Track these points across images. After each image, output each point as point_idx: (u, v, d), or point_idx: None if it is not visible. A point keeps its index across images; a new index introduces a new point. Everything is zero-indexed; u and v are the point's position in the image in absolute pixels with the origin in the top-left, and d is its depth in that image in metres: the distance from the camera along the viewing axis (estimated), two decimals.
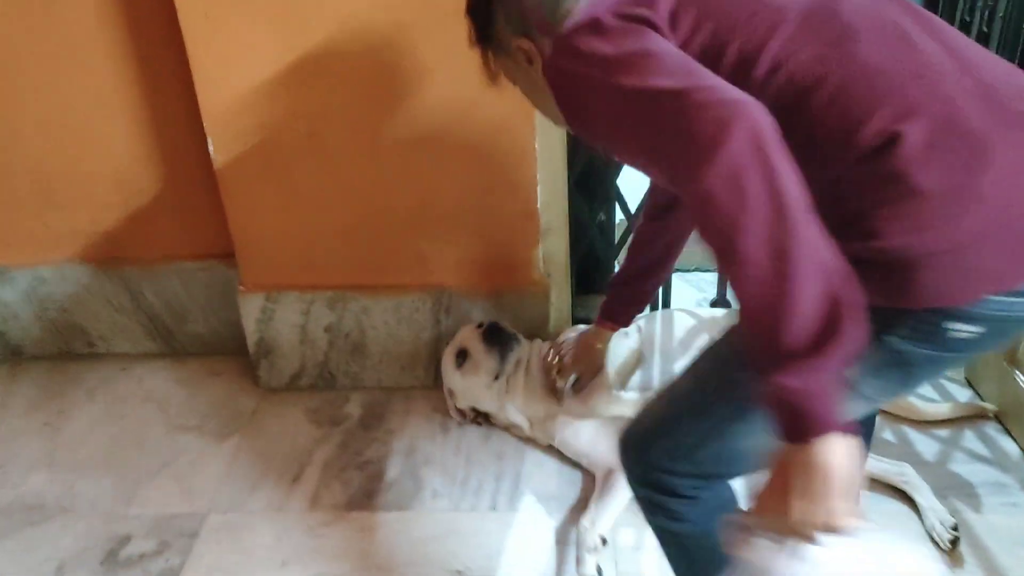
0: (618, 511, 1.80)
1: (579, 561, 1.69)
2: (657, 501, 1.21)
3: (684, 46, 1.04)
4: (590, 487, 1.92)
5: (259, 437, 2.14)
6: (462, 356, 2.04)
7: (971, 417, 2.06)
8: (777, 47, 1.00)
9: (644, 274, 1.77)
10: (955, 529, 1.71)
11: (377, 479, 1.98)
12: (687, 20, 1.06)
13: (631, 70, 0.96)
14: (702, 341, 2.02)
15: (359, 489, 1.95)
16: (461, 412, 2.12)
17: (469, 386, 2.05)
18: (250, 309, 2.19)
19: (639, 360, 2.02)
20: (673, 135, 0.90)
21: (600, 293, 2.51)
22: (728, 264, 0.87)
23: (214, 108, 1.95)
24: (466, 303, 2.16)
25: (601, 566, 1.68)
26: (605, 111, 1.01)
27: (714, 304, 2.37)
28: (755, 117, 0.85)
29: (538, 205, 2.03)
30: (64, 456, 2.11)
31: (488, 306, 2.16)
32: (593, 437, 1.95)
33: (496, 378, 2.01)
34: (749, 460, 1.08)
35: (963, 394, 2.15)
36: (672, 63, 0.96)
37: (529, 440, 2.07)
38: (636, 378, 1.98)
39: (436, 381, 2.26)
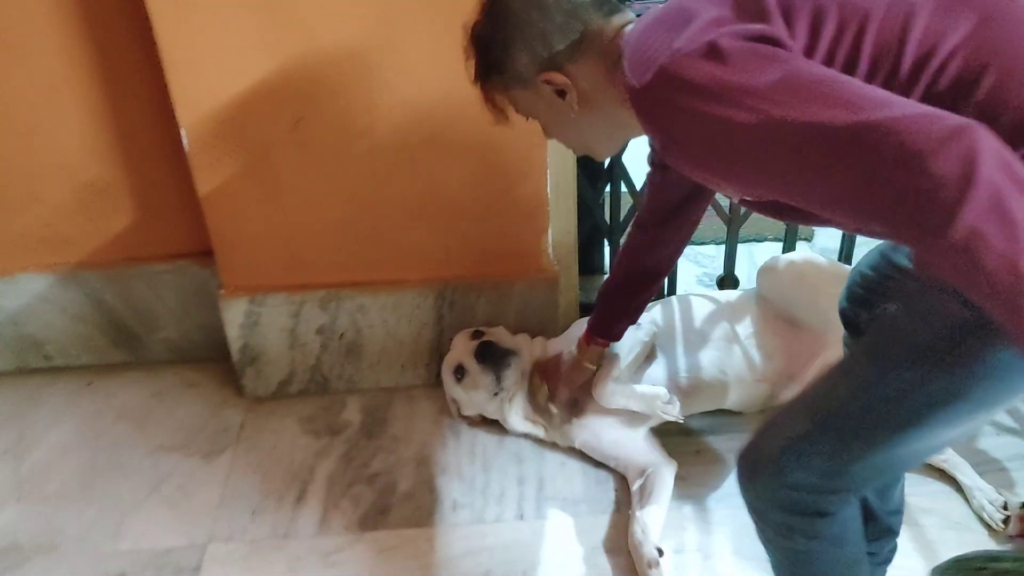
0: (664, 513, 1.70)
1: None
2: (794, 523, 1.12)
3: (808, 54, 0.93)
4: (621, 486, 1.82)
5: (252, 453, 1.96)
6: (460, 372, 1.91)
7: None
8: (918, 38, 0.88)
9: (636, 287, 1.68)
10: (1005, 508, 1.67)
11: (389, 493, 1.83)
12: (803, 24, 0.95)
13: (791, 102, 0.85)
14: (723, 329, 1.92)
15: (371, 506, 1.80)
16: (467, 418, 1.99)
17: (471, 399, 1.93)
18: (233, 314, 1.99)
19: (651, 352, 1.90)
20: (888, 178, 0.79)
21: (604, 272, 2.41)
22: (1014, 297, 0.74)
23: (188, 96, 1.73)
24: (471, 296, 2.01)
25: None
26: (747, 150, 0.90)
27: (720, 282, 2.27)
28: (986, 135, 0.75)
29: (547, 189, 1.89)
30: (34, 488, 1.89)
31: (494, 298, 2.01)
32: (617, 438, 1.84)
33: (496, 395, 1.89)
34: (910, 463, 1.09)
35: None
36: (845, 89, 0.84)
37: (543, 441, 1.95)
38: (658, 370, 1.87)
39: (439, 379, 2.12)
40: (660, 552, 1.61)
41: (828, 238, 2.61)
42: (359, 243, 1.93)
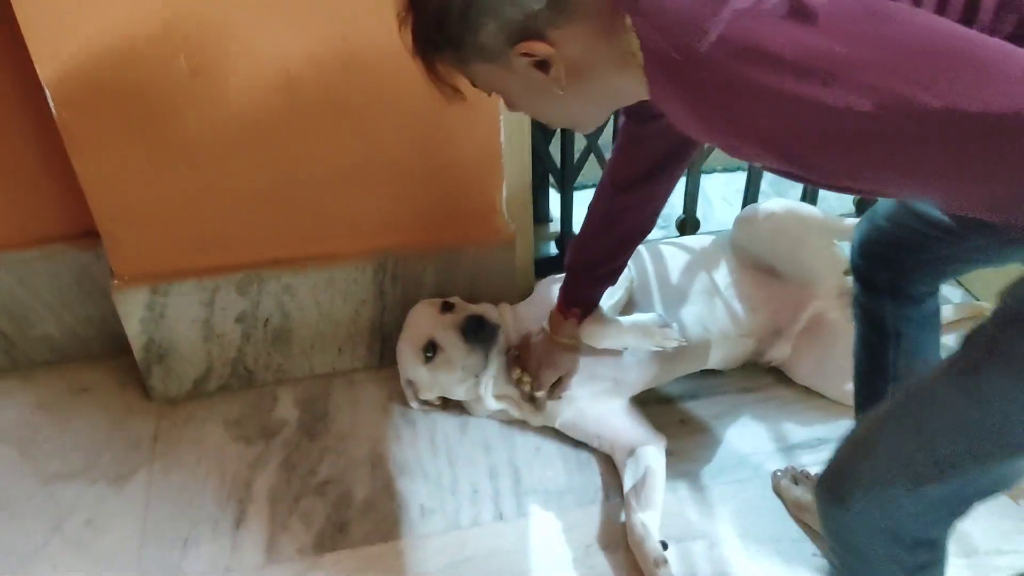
0: (662, 500, 1.52)
1: None
2: (921, 563, 0.97)
3: None
4: (607, 469, 1.63)
5: (173, 471, 1.66)
6: (432, 349, 1.64)
7: (968, 319, 1.94)
8: None
9: (616, 251, 1.47)
10: None
11: (345, 504, 1.58)
12: None
13: (923, 78, 0.66)
14: (703, 281, 1.73)
15: (326, 523, 1.55)
16: (425, 402, 1.75)
17: (439, 381, 1.67)
18: (131, 307, 1.65)
19: (631, 308, 1.70)
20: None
21: (550, 221, 2.18)
22: None
23: (49, 47, 1.35)
24: (417, 265, 1.74)
25: None
26: (855, 141, 0.71)
27: (681, 225, 2.08)
28: None
29: (501, 140, 1.62)
30: None
31: (443, 266, 1.75)
32: (601, 413, 1.64)
33: (476, 376, 1.65)
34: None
35: (955, 294, 2.02)
36: (992, 56, 0.66)
37: (513, 421, 1.73)
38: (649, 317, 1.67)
39: (384, 360, 1.86)
40: (664, 546, 1.45)
41: None
42: (281, 214, 1.62)
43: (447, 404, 1.75)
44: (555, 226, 2.14)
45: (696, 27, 0.75)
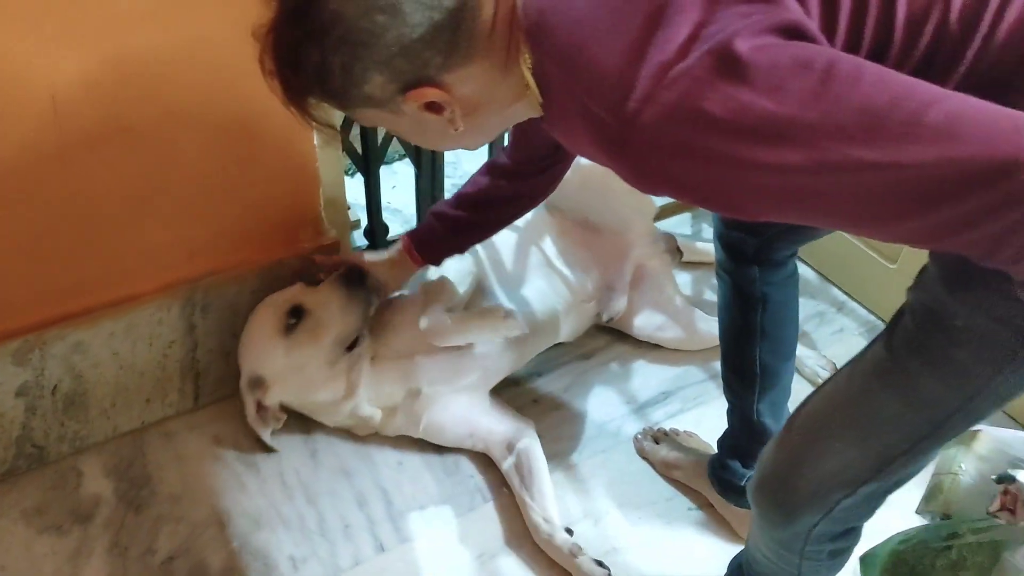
0: (552, 488, 1.50)
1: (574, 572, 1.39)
2: (843, 547, 1.03)
3: (828, 35, 0.74)
4: (478, 469, 1.57)
5: None
6: (296, 315, 1.44)
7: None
8: None
9: (483, 229, 1.46)
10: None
11: None
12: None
13: (854, 132, 0.65)
14: (536, 256, 1.70)
15: None
16: (265, 412, 1.51)
17: (300, 365, 1.45)
18: None
19: (476, 295, 1.64)
20: (995, 217, 0.64)
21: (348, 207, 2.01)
22: None
23: None
24: (231, 291, 1.52)
25: (600, 560, 1.40)
26: (790, 194, 0.70)
27: None
28: None
29: (316, 142, 1.44)
30: None
31: (262, 286, 1.54)
32: (467, 412, 1.57)
33: (353, 345, 1.47)
34: None
35: None
36: (918, 100, 0.66)
37: (365, 439, 1.61)
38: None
39: (199, 400, 1.63)
40: (570, 532, 1.44)
41: None
42: (59, 262, 1.33)
43: (287, 424, 1.55)
44: (355, 214, 1.98)
45: (619, 81, 0.71)
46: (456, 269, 1.58)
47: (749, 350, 1.34)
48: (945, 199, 0.64)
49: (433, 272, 1.55)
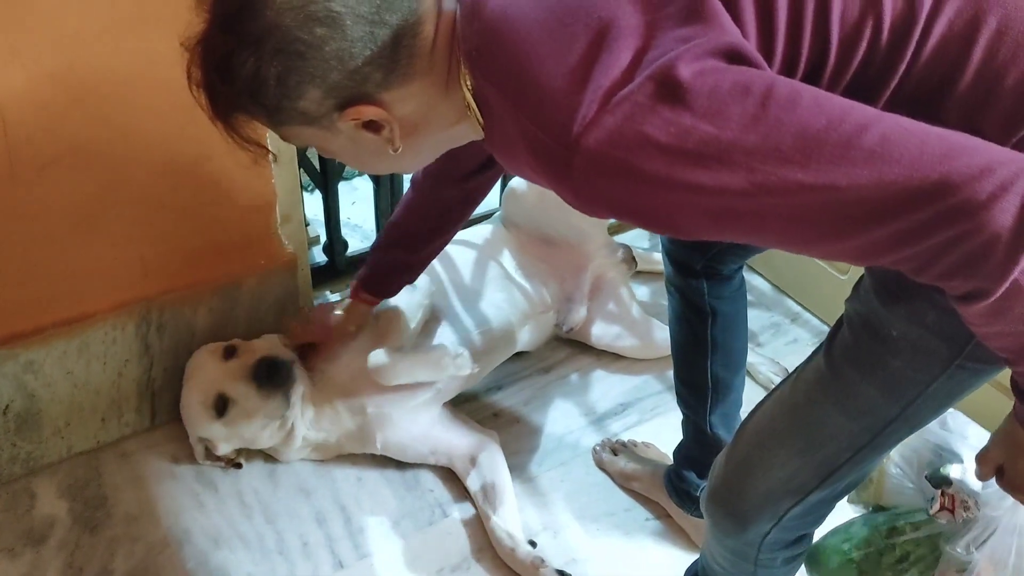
0: (515, 501, 1.51)
1: None
2: (796, 554, 1.05)
3: (765, 55, 0.74)
4: (437, 482, 1.58)
5: None
6: (223, 403, 1.46)
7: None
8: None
9: (422, 239, 1.41)
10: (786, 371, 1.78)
11: None
12: (748, 9, 0.74)
13: (793, 156, 0.66)
14: (494, 270, 1.72)
15: None
16: (217, 459, 1.55)
17: (239, 433, 1.49)
18: None
19: (433, 316, 1.64)
20: (934, 238, 0.65)
21: (307, 224, 2.00)
22: None
23: None
24: (186, 309, 1.52)
25: (562, 570, 1.41)
26: (731, 217, 0.71)
27: None
28: None
29: (271, 156, 1.44)
30: None
31: (219, 304, 1.54)
32: (427, 429, 1.58)
33: (282, 416, 1.48)
34: None
35: None
36: (855, 123, 0.66)
37: (327, 457, 1.61)
38: (447, 337, 1.61)
39: (156, 419, 1.62)
40: (533, 544, 1.45)
41: None
42: (8, 280, 1.31)
43: (237, 463, 1.56)
44: (314, 230, 1.98)
45: (562, 105, 0.70)
46: (407, 302, 1.57)
47: (701, 363, 1.36)
48: (880, 219, 0.65)
49: (386, 302, 1.55)
